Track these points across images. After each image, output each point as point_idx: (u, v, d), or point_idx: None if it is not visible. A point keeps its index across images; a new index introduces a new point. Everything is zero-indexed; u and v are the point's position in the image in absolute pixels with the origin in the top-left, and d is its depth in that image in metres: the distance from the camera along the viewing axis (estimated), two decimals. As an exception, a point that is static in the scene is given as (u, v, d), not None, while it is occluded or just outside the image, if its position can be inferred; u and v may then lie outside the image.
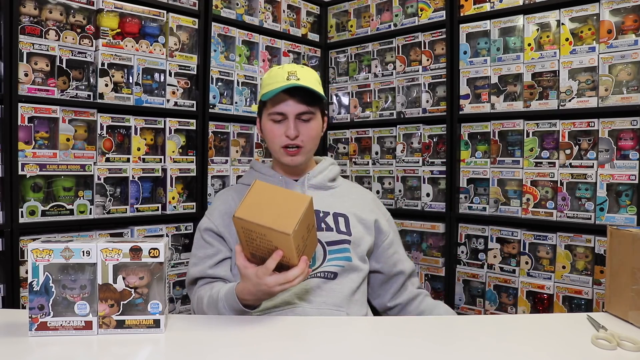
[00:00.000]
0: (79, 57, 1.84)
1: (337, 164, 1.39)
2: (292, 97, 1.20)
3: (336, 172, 1.35)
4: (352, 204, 1.29)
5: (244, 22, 2.37)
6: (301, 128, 1.22)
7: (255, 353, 0.84)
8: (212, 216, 1.27)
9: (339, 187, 1.33)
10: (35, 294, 0.85)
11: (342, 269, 1.19)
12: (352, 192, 1.34)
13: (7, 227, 1.68)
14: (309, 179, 1.29)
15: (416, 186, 2.42)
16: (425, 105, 2.38)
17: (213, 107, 2.26)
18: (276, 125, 1.23)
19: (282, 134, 1.22)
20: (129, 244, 0.88)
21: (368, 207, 1.32)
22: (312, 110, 1.23)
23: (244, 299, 1.02)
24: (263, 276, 0.94)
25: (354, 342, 0.90)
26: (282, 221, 0.89)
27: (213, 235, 1.25)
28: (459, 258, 2.28)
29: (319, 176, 1.30)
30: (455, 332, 0.98)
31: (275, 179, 1.28)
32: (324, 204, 1.25)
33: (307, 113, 1.23)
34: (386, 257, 1.30)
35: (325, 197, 1.27)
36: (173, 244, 2.16)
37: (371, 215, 1.29)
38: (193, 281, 1.25)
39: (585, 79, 1.93)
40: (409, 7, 2.45)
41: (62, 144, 1.80)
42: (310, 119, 1.24)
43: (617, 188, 1.87)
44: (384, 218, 1.34)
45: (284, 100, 1.20)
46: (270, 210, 0.91)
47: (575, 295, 1.94)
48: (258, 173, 1.31)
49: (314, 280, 1.17)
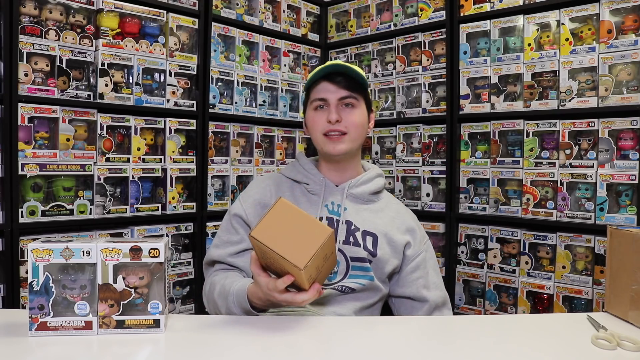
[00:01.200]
0: (79, 57, 1.84)
1: (384, 175, 1.32)
2: (334, 82, 1.18)
3: (380, 186, 1.28)
4: (386, 223, 1.23)
5: (244, 22, 2.37)
6: (344, 114, 1.19)
7: (255, 353, 0.84)
8: (245, 203, 1.23)
9: (379, 202, 1.27)
10: (35, 294, 0.85)
11: (362, 287, 1.16)
12: (392, 209, 1.27)
13: (7, 227, 1.68)
14: (350, 188, 1.23)
15: (416, 186, 2.42)
16: (425, 105, 2.38)
17: (213, 107, 2.26)
18: (318, 113, 1.21)
19: (324, 120, 1.19)
20: (129, 244, 0.88)
21: (403, 227, 1.25)
22: (354, 96, 1.20)
23: (253, 302, 1.01)
24: (272, 291, 0.92)
25: (353, 342, 0.90)
26: (296, 252, 0.85)
27: (241, 223, 1.22)
28: (459, 258, 2.28)
29: (362, 187, 1.24)
30: (455, 332, 0.98)
31: (317, 179, 1.24)
32: (358, 219, 1.21)
33: (350, 97, 1.20)
34: (409, 280, 1.22)
35: (362, 210, 1.23)
36: (173, 244, 2.16)
37: (403, 237, 1.23)
38: (211, 263, 1.23)
39: (585, 79, 1.93)
40: (409, 7, 2.45)
41: (62, 144, 1.80)
42: (354, 105, 1.21)
43: (617, 188, 1.87)
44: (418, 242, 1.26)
45: (325, 86, 1.19)
46: (288, 236, 0.87)
47: (575, 295, 1.94)
48: (301, 168, 1.27)
49: (331, 291, 1.15)
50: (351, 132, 1.20)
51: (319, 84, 1.21)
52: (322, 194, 1.22)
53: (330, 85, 1.19)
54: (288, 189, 1.25)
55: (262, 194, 1.24)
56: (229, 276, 1.14)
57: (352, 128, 1.20)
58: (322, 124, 1.19)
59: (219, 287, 1.11)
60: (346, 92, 1.19)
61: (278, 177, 1.29)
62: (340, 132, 1.18)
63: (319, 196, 1.22)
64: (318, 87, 1.21)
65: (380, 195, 1.29)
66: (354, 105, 1.21)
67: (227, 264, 1.20)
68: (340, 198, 1.22)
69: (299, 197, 1.24)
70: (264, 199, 1.23)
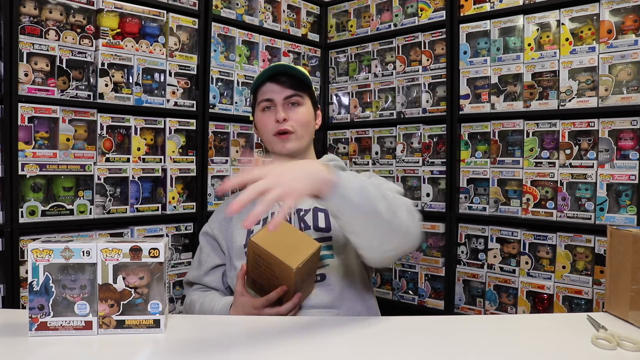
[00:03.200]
0: (79, 57, 1.84)
1: (339, 159, 1.33)
2: (278, 83, 1.22)
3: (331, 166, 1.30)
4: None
5: (244, 22, 2.37)
6: (290, 113, 1.23)
7: (255, 353, 0.84)
8: (211, 222, 1.33)
9: None
10: (35, 294, 0.85)
11: (328, 268, 1.15)
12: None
13: (7, 227, 1.68)
14: None
15: (416, 186, 2.42)
16: (425, 105, 2.38)
17: (213, 107, 2.26)
18: (266, 114, 1.25)
19: (273, 120, 1.23)
20: (129, 244, 0.88)
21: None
22: (299, 94, 1.24)
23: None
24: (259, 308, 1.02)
25: (351, 341, 0.90)
26: (289, 257, 0.99)
27: (208, 239, 1.30)
28: (459, 258, 2.28)
29: None
30: (455, 332, 0.98)
31: None
32: (308, 201, 1.18)
33: (295, 96, 1.23)
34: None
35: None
36: (173, 244, 2.16)
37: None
38: (189, 283, 1.32)
39: (585, 79, 1.93)
40: (409, 7, 2.45)
41: (62, 144, 1.80)
42: (299, 103, 1.24)
43: (617, 188, 1.87)
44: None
45: (270, 87, 1.23)
46: (283, 244, 1.00)
47: (575, 295, 1.94)
48: None
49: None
50: (297, 129, 1.23)
51: (264, 86, 1.25)
52: None
53: (275, 85, 1.23)
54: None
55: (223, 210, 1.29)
56: (207, 295, 1.22)
57: (298, 126, 1.23)
58: (271, 125, 1.23)
59: (199, 306, 1.19)
60: (291, 91, 1.23)
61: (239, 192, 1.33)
62: (287, 132, 1.22)
63: None
64: (264, 89, 1.25)
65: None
66: (300, 104, 1.25)
67: (202, 284, 1.28)
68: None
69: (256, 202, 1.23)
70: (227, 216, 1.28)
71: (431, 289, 2.37)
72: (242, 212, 1.23)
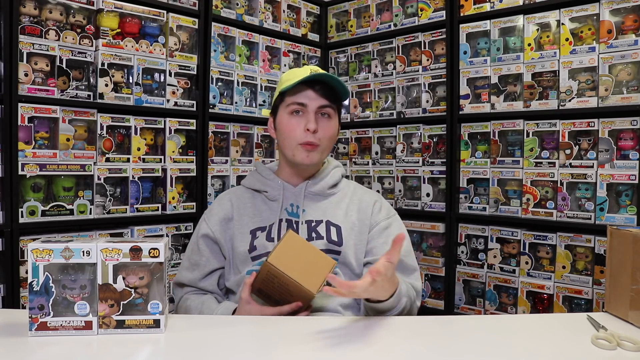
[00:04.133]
0: (79, 57, 1.84)
1: (341, 165, 1.32)
2: (315, 90, 1.16)
3: (338, 177, 1.27)
4: (349, 210, 1.22)
5: (244, 22, 2.37)
6: (320, 124, 1.17)
7: (255, 353, 0.84)
8: (210, 221, 1.25)
9: (339, 192, 1.26)
10: (35, 294, 0.85)
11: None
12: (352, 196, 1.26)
13: (7, 227, 1.68)
14: (308, 187, 1.23)
15: (416, 186, 2.42)
16: (425, 105, 2.38)
17: (213, 107, 2.26)
18: (294, 118, 1.17)
19: (302, 128, 1.16)
20: (129, 244, 0.88)
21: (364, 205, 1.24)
22: (333, 107, 1.19)
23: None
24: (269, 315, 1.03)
25: (353, 342, 0.90)
26: (309, 279, 0.99)
27: (209, 243, 1.24)
28: (459, 258, 2.28)
29: (320, 184, 1.24)
30: (455, 332, 0.98)
31: (275, 184, 1.24)
32: (319, 213, 1.21)
33: (328, 107, 1.18)
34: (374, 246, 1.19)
35: (322, 205, 1.23)
36: (173, 244, 2.16)
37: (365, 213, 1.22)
38: (181, 285, 1.25)
39: (585, 79, 1.93)
40: (409, 7, 2.45)
41: (62, 144, 1.80)
42: (330, 115, 1.19)
43: (617, 188, 1.87)
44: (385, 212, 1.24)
45: (306, 91, 1.16)
46: (299, 264, 0.99)
47: (575, 295, 1.94)
48: (259, 176, 1.27)
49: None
50: (323, 143, 1.18)
51: (299, 88, 1.17)
52: (281, 198, 1.22)
53: (311, 92, 1.16)
54: (249, 199, 1.26)
55: (225, 210, 1.25)
56: (204, 302, 1.17)
57: (325, 140, 1.19)
58: (300, 132, 1.16)
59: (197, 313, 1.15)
60: (326, 102, 1.17)
61: (239, 190, 1.30)
62: (314, 144, 1.17)
63: (278, 201, 1.22)
64: (297, 91, 1.17)
65: (339, 186, 1.27)
66: (330, 116, 1.20)
67: (197, 287, 1.23)
68: (298, 198, 1.22)
69: (259, 206, 1.24)
70: (227, 215, 1.24)
71: (431, 289, 2.37)
72: (242, 212, 1.24)
